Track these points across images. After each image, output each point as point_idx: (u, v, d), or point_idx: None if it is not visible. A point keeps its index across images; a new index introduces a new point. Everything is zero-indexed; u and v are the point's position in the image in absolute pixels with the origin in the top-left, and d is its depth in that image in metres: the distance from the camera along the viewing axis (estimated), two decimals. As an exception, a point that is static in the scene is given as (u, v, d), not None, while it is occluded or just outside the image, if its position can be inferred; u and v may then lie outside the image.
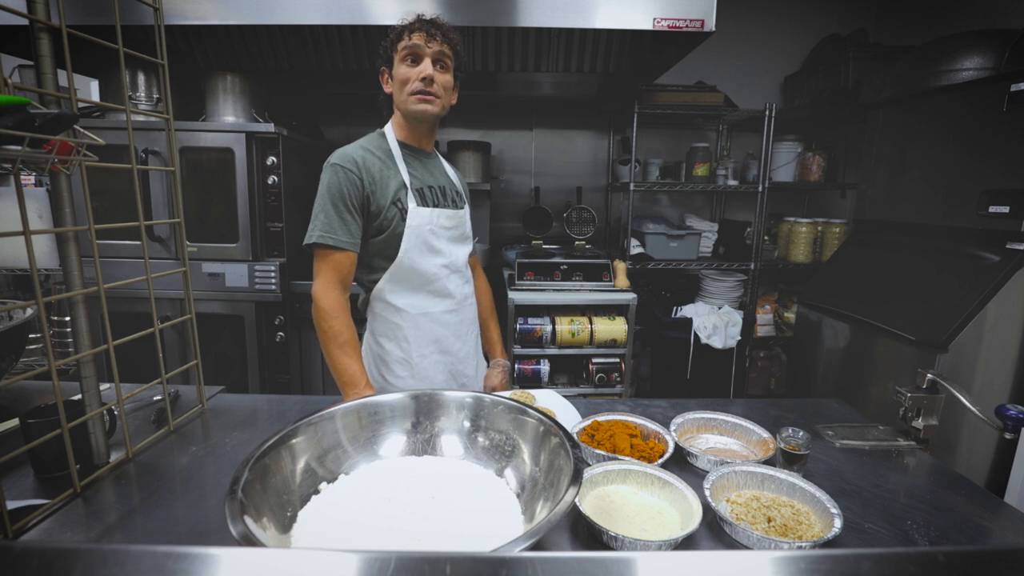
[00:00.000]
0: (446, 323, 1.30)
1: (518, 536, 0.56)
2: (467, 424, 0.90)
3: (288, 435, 0.78)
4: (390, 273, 1.23)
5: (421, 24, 1.16)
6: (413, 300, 1.26)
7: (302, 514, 0.73)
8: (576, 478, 0.66)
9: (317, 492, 0.77)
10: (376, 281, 1.24)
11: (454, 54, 1.20)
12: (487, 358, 1.50)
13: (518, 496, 0.78)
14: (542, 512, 0.69)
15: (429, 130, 1.29)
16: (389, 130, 1.27)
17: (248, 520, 0.59)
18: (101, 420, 0.89)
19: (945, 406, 1.05)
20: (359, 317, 1.33)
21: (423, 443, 0.89)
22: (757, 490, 0.84)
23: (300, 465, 0.78)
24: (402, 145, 1.26)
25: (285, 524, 0.70)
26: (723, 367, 2.79)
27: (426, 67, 1.16)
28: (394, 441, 0.88)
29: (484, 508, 0.76)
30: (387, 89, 1.24)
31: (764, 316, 2.86)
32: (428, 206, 1.24)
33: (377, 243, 1.22)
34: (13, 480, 0.85)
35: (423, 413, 0.91)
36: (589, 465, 0.87)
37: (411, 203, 1.21)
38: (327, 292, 1.16)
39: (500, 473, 0.83)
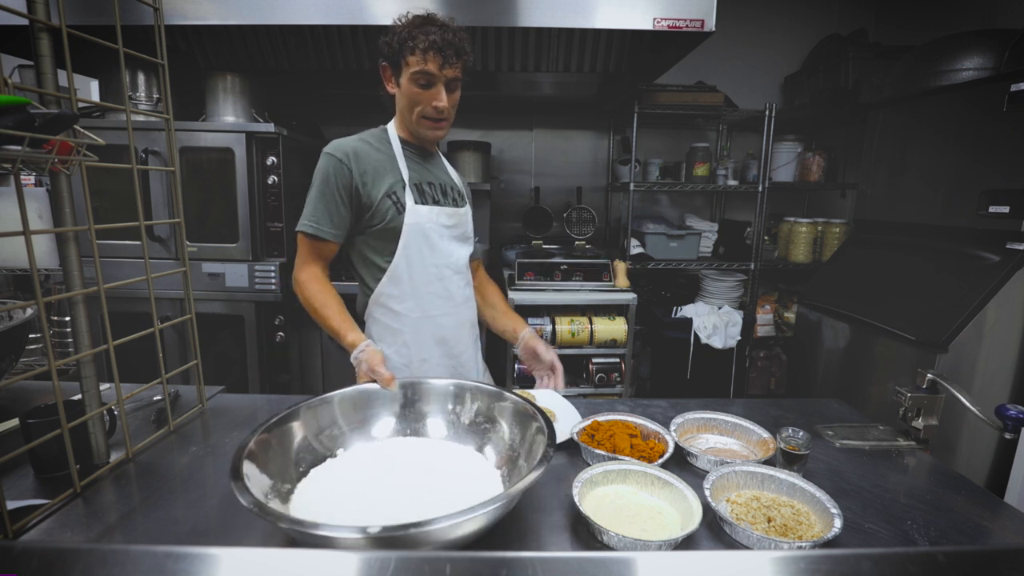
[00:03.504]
0: (447, 326, 1.29)
1: (499, 494, 0.62)
2: (450, 407, 0.97)
3: (289, 416, 0.84)
4: (389, 275, 1.22)
5: (436, 42, 1.08)
6: (413, 303, 1.24)
7: (300, 486, 0.79)
8: (551, 443, 0.74)
9: (315, 467, 0.83)
10: (375, 285, 1.24)
11: (465, 69, 1.16)
12: (511, 339, 1.40)
13: (498, 468, 0.86)
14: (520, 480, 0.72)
15: None
16: (392, 127, 1.26)
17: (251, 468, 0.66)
18: (101, 420, 0.89)
19: (945, 406, 1.05)
20: (358, 319, 1.33)
21: (411, 425, 0.96)
22: (757, 490, 0.84)
23: (297, 442, 0.84)
24: (404, 143, 1.25)
25: (284, 496, 0.75)
26: (723, 367, 2.79)
27: (440, 96, 1.13)
28: (384, 423, 0.95)
29: (467, 480, 0.83)
30: (391, 89, 1.20)
31: (764, 316, 2.86)
32: (427, 203, 1.23)
33: (373, 238, 1.21)
34: (13, 480, 0.85)
35: (411, 398, 0.98)
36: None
37: (409, 200, 1.20)
38: (303, 268, 1.21)
39: (480, 449, 0.91)
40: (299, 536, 0.60)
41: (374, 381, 0.99)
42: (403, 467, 0.84)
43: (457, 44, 1.11)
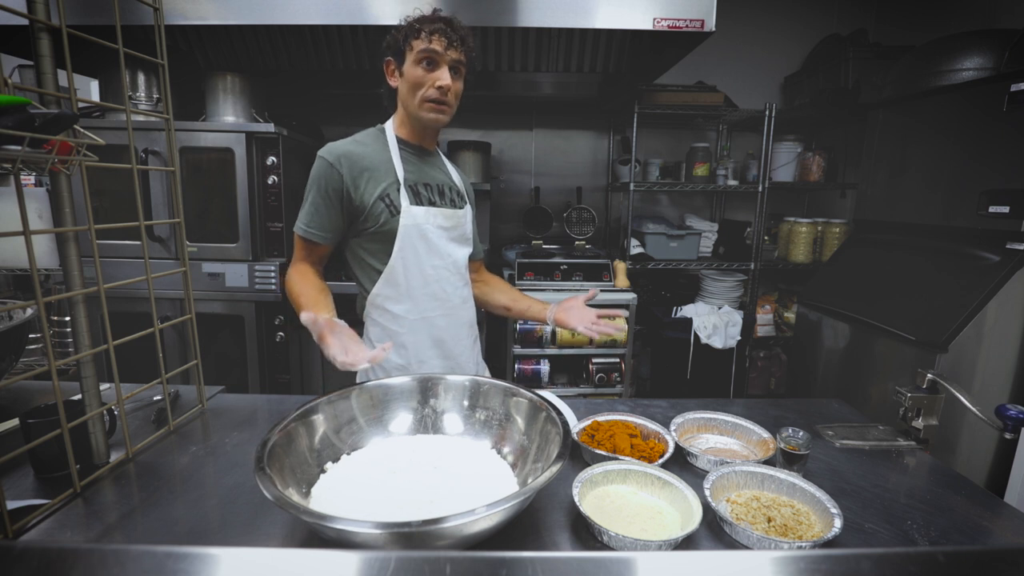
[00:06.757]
0: (444, 327, 1.28)
1: (516, 491, 0.63)
2: (466, 403, 0.98)
3: (309, 411, 0.86)
4: (385, 278, 1.21)
5: (441, 27, 1.12)
6: (409, 305, 1.24)
7: (319, 482, 0.80)
8: (565, 443, 0.75)
9: (335, 461, 0.85)
10: (372, 287, 1.23)
11: (469, 60, 1.18)
12: (535, 319, 1.39)
13: (513, 466, 0.86)
14: (534, 477, 0.73)
15: (433, 131, 1.27)
16: (390, 126, 1.25)
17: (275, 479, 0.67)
18: (101, 420, 0.89)
19: (945, 406, 1.05)
20: (357, 321, 1.33)
21: (428, 421, 0.97)
22: (757, 490, 0.84)
23: (318, 437, 0.86)
24: (401, 143, 1.24)
25: (302, 491, 0.77)
26: (723, 367, 2.79)
27: (443, 76, 1.13)
28: (402, 419, 0.96)
29: (482, 477, 0.83)
30: (392, 83, 1.21)
31: (764, 316, 2.86)
32: (423, 204, 1.22)
33: (368, 241, 1.21)
34: (13, 480, 0.85)
35: (427, 394, 0.99)
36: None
37: (404, 201, 1.19)
38: (294, 265, 1.23)
39: (496, 445, 0.92)
40: (319, 529, 0.61)
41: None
42: (420, 464, 0.85)
43: (462, 33, 1.15)
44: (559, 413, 0.83)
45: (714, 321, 2.70)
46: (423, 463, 0.85)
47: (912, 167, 2.05)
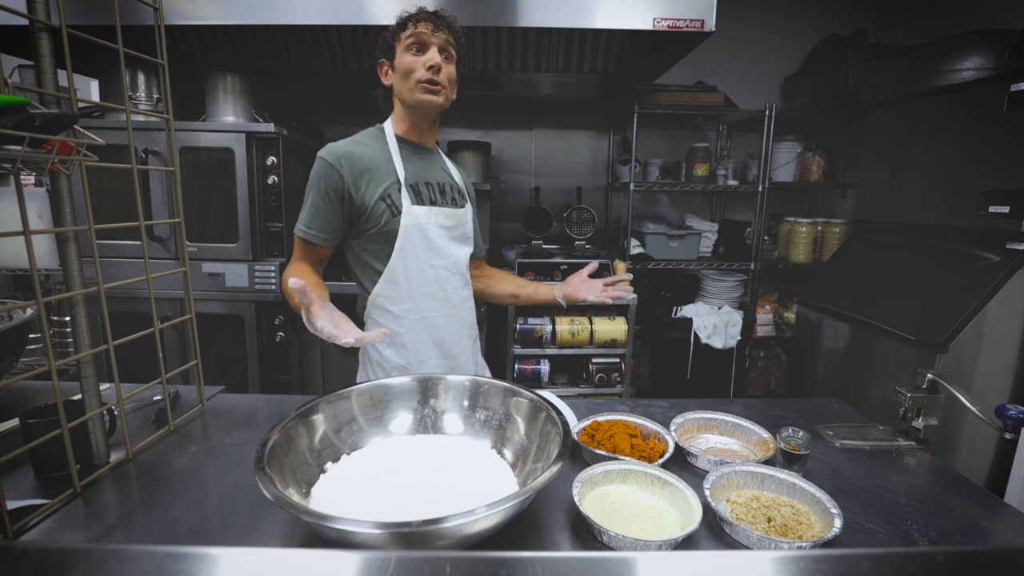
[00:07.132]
0: (444, 327, 1.28)
1: (516, 491, 0.63)
2: (466, 403, 0.98)
3: (309, 411, 0.86)
4: (385, 277, 1.21)
5: (427, 14, 1.16)
6: (410, 305, 1.24)
7: (319, 482, 0.80)
8: (565, 443, 0.74)
9: (335, 461, 0.85)
10: (372, 287, 1.23)
11: (458, 46, 1.20)
12: (544, 301, 1.42)
13: (513, 466, 0.86)
14: (534, 477, 0.73)
15: (431, 125, 1.27)
16: (388, 125, 1.26)
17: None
18: (101, 420, 0.89)
19: (945, 406, 1.05)
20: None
21: (428, 421, 0.97)
22: (757, 490, 0.84)
23: (318, 437, 0.86)
24: (401, 140, 1.24)
25: (302, 491, 0.77)
26: (723, 367, 2.79)
27: (433, 56, 1.15)
28: (402, 419, 0.96)
29: (482, 477, 0.83)
30: (386, 82, 1.22)
31: (764, 316, 2.86)
32: (424, 204, 1.22)
33: (369, 241, 1.21)
34: (13, 480, 0.85)
35: (427, 394, 0.99)
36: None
37: (405, 201, 1.19)
38: (292, 265, 1.23)
39: (496, 445, 0.92)
40: (319, 529, 0.61)
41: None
42: (420, 464, 0.85)
43: (446, 16, 1.17)
44: (559, 413, 0.83)
45: (714, 321, 2.70)
46: (423, 463, 0.85)
47: (912, 167, 2.05)
